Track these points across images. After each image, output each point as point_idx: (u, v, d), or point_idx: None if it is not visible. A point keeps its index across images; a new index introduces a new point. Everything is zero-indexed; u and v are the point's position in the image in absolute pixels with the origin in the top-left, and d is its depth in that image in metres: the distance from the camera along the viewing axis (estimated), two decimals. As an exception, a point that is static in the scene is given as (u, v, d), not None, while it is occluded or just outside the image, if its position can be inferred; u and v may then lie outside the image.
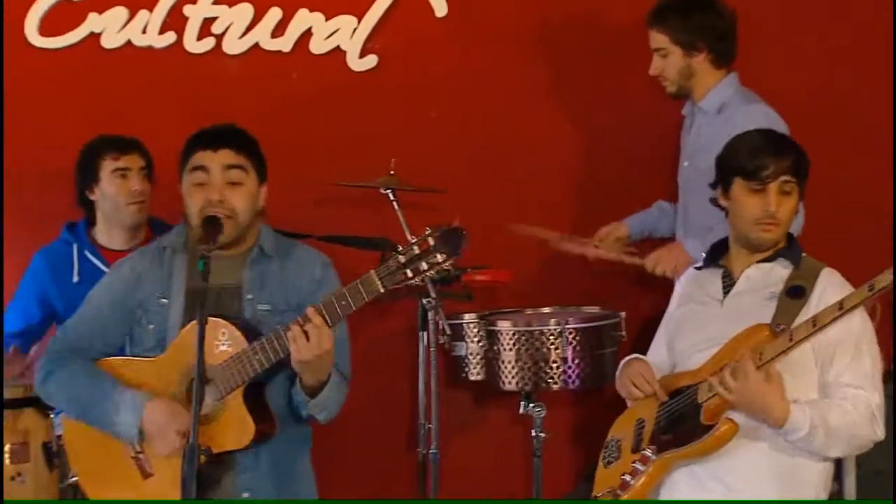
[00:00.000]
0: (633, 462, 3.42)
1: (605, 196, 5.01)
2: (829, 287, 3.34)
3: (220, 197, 3.30)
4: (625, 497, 3.38)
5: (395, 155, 4.61)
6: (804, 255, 3.47)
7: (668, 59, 4.37)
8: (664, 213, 4.71)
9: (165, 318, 3.35)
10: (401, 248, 2.98)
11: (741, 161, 3.40)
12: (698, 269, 3.66)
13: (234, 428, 2.99)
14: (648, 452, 3.40)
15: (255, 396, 3.20)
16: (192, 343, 3.12)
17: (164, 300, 3.36)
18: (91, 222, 4.44)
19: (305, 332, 3.03)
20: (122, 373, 3.35)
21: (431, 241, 2.96)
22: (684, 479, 3.36)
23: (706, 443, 3.24)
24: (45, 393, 3.42)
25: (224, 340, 3.16)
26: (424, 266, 2.97)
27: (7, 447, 3.87)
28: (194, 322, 3.20)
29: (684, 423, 3.34)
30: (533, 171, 5.06)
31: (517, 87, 5.06)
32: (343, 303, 3.03)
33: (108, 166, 4.34)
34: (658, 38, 4.37)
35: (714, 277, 3.56)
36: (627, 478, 3.41)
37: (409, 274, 2.97)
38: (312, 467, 3.52)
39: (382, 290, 3.01)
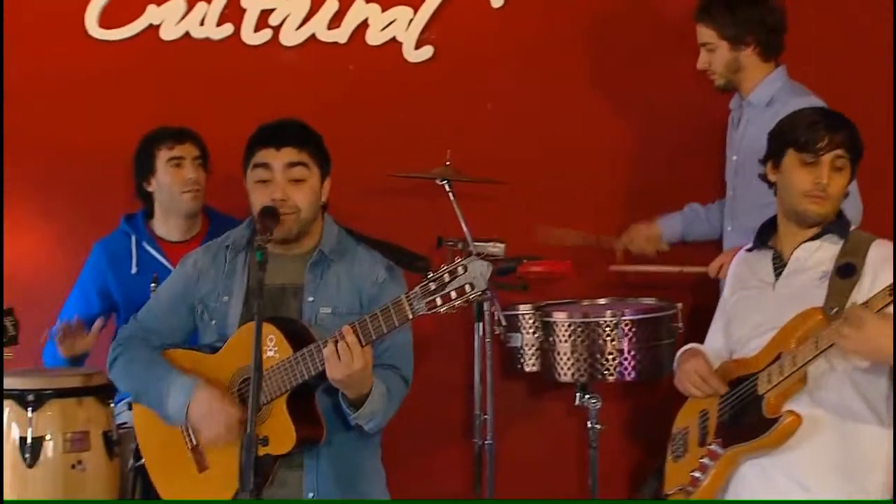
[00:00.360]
0: (701, 458, 3.39)
1: (653, 191, 4.98)
2: (882, 262, 3.30)
3: (282, 195, 3.30)
4: (695, 495, 3.37)
5: (451, 146, 4.61)
6: (853, 228, 3.43)
7: (715, 54, 4.33)
8: (695, 216, 4.68)
9: (226, 316, 3.37)
10: (431, 275, 2.96)
11: (796, 133, 3.37)
12: (749, 251, 3.63)
13: (276, 434, 3.00)
14: (715, 447, 3.37)
15: (301, 402, 3.20)
16: (245, 343, 3.14)
17: (225, 297, 3.38)
18: (149, 214, 4.48)
19: (338, 352, 3.03)
20: (181, 363, 3.38)
21: (461, 271, 2.94)
22: (751, 472, 3.33)
23: (772, 437, 3.22)
24: (112, 377, 3.51)
25: (271, 347, 3.17)
26: (454, 295, 2.95)
27: (67, 435, 3.91)
28: (248, 324, 3.22)
29: (747, 415, 3.31)
30: (586, 162, 5.05)
31: (571, 77, 5.04)
32: (376, 324, 3.03)
33: (163, 156, 4.37)
34: (705, 33, 4.34)
35: (764, 260, 3.52)
36: (697, 474, 3.38)
37: (439, 302, 2.95)
38: (382, 467, 3.51)
39: (411, 317, 3.00)
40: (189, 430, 3.33)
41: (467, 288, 2.90)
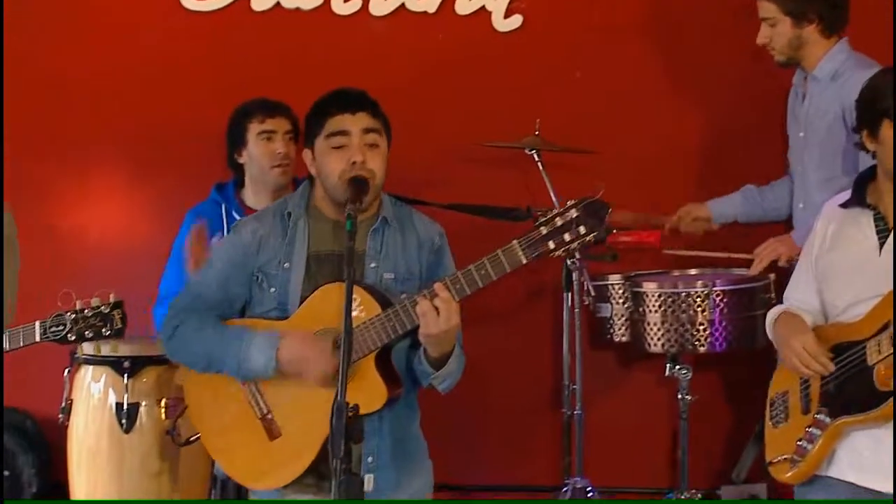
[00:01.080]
0: (808, 427, 3.32)
1: (720, 168, 4.94)
2: None
3: (362, 158, 3.30)
4: (802, 464, 3.32)
5: (540, 115, 4.59)
6: None
7: (776, 29, 4.24)
8: (750, 199, 4.61)
9: (287, 283, 3.34)
10: (543, 219, 2.94)
11: (887, 102, 3.28)
12: (843, 206, 3.51)
13: (366, 392, 2.98)
14: (822, 416, 3.29)
15: (386, 360, 3.21)
16: (324, 307, 3.13)
17: (286, 264, 3.36)
18: (240, 184, 4.52)
19: (436, 307, 3.03)
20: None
21: (575, 213, 2.91)
22: (864, 442, 3.27)
23: (885, 410, 3.14)
24: (171, 349, 3.40)
25: (357, 305, 3.14)
26: (567, 238, 2.92)
27: (162, 402, 3.97)
28: (326, 286, 3.21)
29: (855, 385, 3.22)
30: (669, 132, 5.00)
31: (659, 47, 4.99)
32: (482, 272, 3.00)
33: (254, 129, 4.40)
34: (767, 8, 4.25)
35: (864, 219, 3.38)
36: (804, 444, 3.32)
37: (552, 246, 2.93)
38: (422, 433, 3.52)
39: (525, 262, 2.98)
40: (259, 397, 3.30)
41: (581, 230, 2.88)
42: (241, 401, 3.30)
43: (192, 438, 3.86)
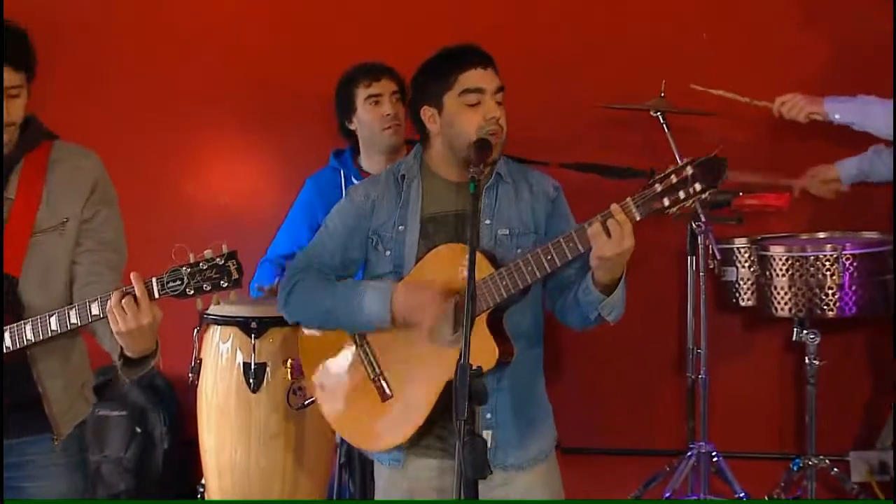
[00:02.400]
0: None
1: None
2: None
3: (499, 114, 3.28)
4: None
5: (665, 77, 4.54)
6: None
7: None
8: (876, 158, 4.48)
9: (402, 245, 3.34)
10: (658, 176, 2.90)
11: None
12: None
13: (478, 352, 2.98)
14: None
15: (497, 320, 3.20)
16: (436, 268, 3.13)
17: (400, 226, 3.36)
18: (356, 150, 4.56)
19: (607, 229, 3.00)
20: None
21: (690, 170, 2.87)
22: None
23: None
24: (289, 310, 3.41)
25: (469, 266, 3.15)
26: (682, 195, 2.88)
27: (288, 362, 4.03)
28: (441, 247, 3.21)
29: None
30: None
31: (787, 9, 4.88)
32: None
33: (361, 94, 4.43)
34: None
35: None
36: None
37: (666, 203, 2.89)
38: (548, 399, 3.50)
39: (638, 218, 2.95)
40: (372, 358, 3.33)
41: (697, 186, 2.84)
42: (354, 362, 3.34)
43: (307, 402, 3.91)
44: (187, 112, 5.12)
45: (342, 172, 4.47)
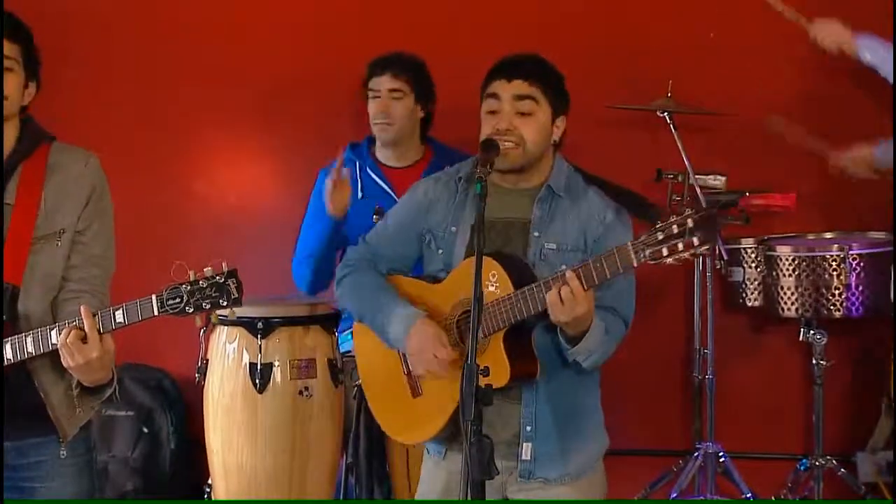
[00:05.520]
0: None
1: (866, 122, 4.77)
2: None
3: (507, 125, 3.31)
4: None
5: (672, 77, 4.54)
6: None
7: None
8: None
9: (452, 246, 3.40)
10: (659, 225, 2.90)
11: None
12: None
13: (492, 367, 3.01)
14: None
15: (518, 338, 3.21)
16: (468, 275, 3.15)
17: (453, 228, 3.41)
18: (373, 141, 4.57)
19: (560, 298, 3.02)
20: (407, 290, 3.44)
21: (691, 223, 2.88)
22: None
23: None
24: (338, 296, 3.56)
25: (493, 282, 3.17)
26: (681, 247, 2.89)
27: (294, 362, 4.03)
28: (471, 257, 3.23)
29: None
30: (809, 92, 4.88)
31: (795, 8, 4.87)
32: (599, 269, 3.00)
33: (367, 89, 4.45)
34: None
35: None
36: None
37: (665, 252, 2.90)
38: (601, 408, 3.50)
39: (636, 264, 2.96)
40: (406, 356, 3.39)
41: (695, 241, 2.85)
42: (393, 355, 3.42)
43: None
44: (190, 111, 5.13)
45: (357, 163, 4.48)
